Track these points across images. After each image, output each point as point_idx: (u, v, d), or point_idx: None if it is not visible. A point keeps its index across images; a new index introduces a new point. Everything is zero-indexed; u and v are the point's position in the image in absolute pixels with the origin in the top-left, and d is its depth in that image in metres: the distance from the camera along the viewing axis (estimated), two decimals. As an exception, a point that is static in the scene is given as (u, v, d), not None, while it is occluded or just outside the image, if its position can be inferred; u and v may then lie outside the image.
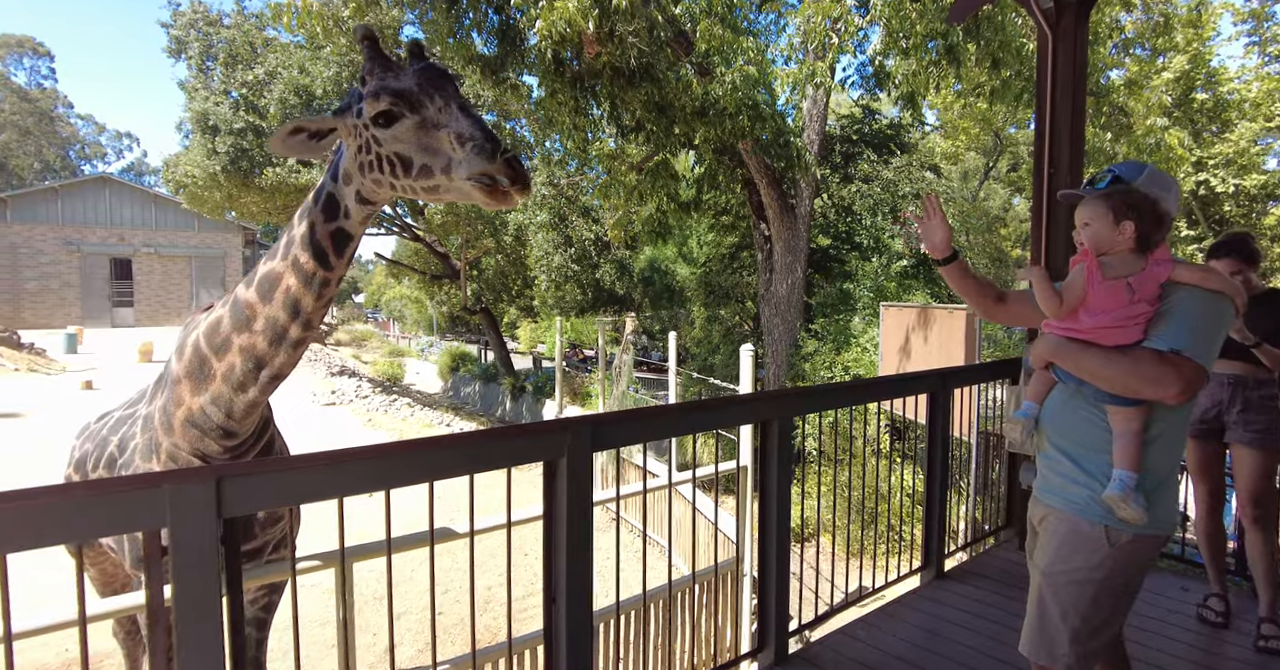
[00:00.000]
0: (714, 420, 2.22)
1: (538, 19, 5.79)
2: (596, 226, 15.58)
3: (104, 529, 1.26)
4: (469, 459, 1.70)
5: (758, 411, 2.38)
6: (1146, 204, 1.48)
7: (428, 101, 1.58)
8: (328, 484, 1.53)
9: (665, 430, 2.09)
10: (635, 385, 13.53)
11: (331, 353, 26.64)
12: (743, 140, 7.94)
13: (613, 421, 1.94)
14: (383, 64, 1.69)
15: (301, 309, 1.75)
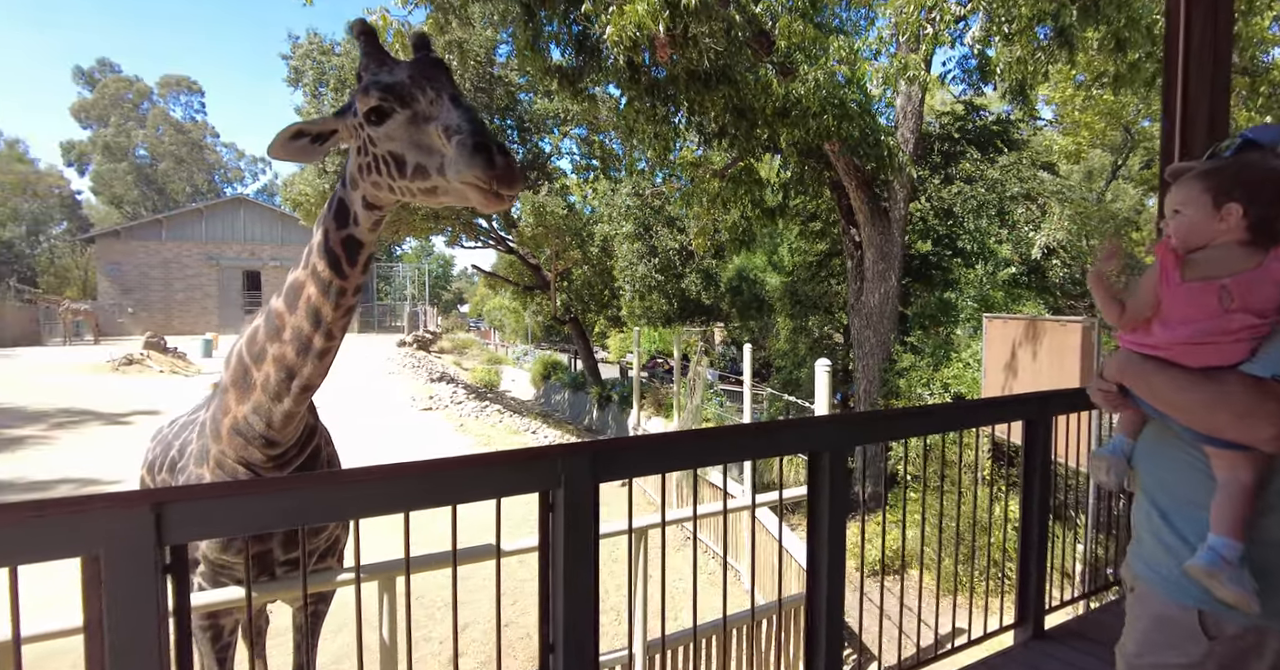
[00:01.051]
0: (744, 450, 1.94)
1: (608, 25, 5.70)
2: (681, 236, 15.41)
3: (37, 554, 1.18)
4: (445, 489, 1.52)
5: (804, 440, 2.07)
6: (1268, 181, 1.09)
7: (419, 94, 1.48)
8: (283, 512, 1.40)
9: (680, 460, 1.83)
10: (720, 398, 13.17)
11: (435, 360, 27.99)
12: (829, 141, 7.50)
13: (617, 449, 1.71)
14: (378, 59, 1.60)
15: (322, 318, 1.71)
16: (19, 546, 1.18)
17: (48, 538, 1.19)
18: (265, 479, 1.42)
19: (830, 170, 8.64)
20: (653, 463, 1.78)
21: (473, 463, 1.55)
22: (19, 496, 7.14)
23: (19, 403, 12.25)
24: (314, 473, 1.64)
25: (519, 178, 1.38)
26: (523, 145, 18.56)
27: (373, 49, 1.62)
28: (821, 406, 4.47)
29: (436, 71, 1.53)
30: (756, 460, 1.84)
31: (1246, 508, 1.07)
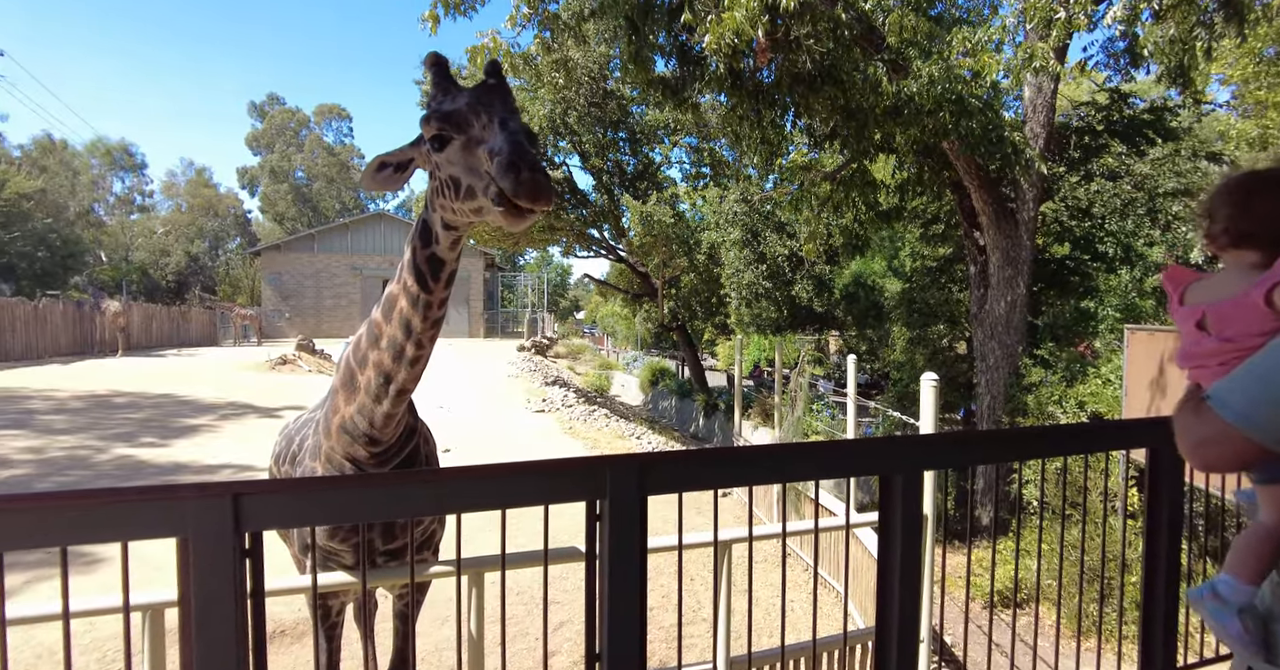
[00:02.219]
0: (805, 469, 1.84)
1: (706, 34, 5.68)
2: (791, 241, 15.00)
3: (141, 532, 1.35)
4: (495, 493, 1.57)
5: (874, 461, 1.94)
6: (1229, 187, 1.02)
7: (474, 120, 1.58)
8: (347, 508, 1.51)
9: (732, 477, 1.77)
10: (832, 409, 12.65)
11: (550, 364, 29.06)
12: (946, 139, 7.03)
13: (666, 462, 1.69)
14: (443, 88, 1.70)
15: (412, 329, 1.84)
16: (128, 525, 1.36)
17: (150, 519, 1.36)
18: (331, 477, 1.54)
19: (950, 170, 8.09)
20: (703, 478, 1.74)
21: (522, 469, 1.59)
22: (194, 476, 8.18)
23: (198, 395, 14.06)
24: (376, 474, 1.75)
25: (541, 193, 1.41)
26: (634, 156, 18.93)
27: (440, 79, 1.72)
28: (926, 425, 4.17)
29: (491, 96, 1.61)
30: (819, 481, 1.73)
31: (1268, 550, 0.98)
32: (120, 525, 1.35)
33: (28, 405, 11.85)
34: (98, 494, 1.35)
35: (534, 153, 1.48)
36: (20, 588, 4.93)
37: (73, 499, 1.33)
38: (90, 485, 7.56)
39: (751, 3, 5.33)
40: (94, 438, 9.74)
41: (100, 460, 8.65)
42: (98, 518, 1.33)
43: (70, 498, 1.33)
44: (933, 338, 11.04)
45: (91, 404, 12.39)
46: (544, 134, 16.81)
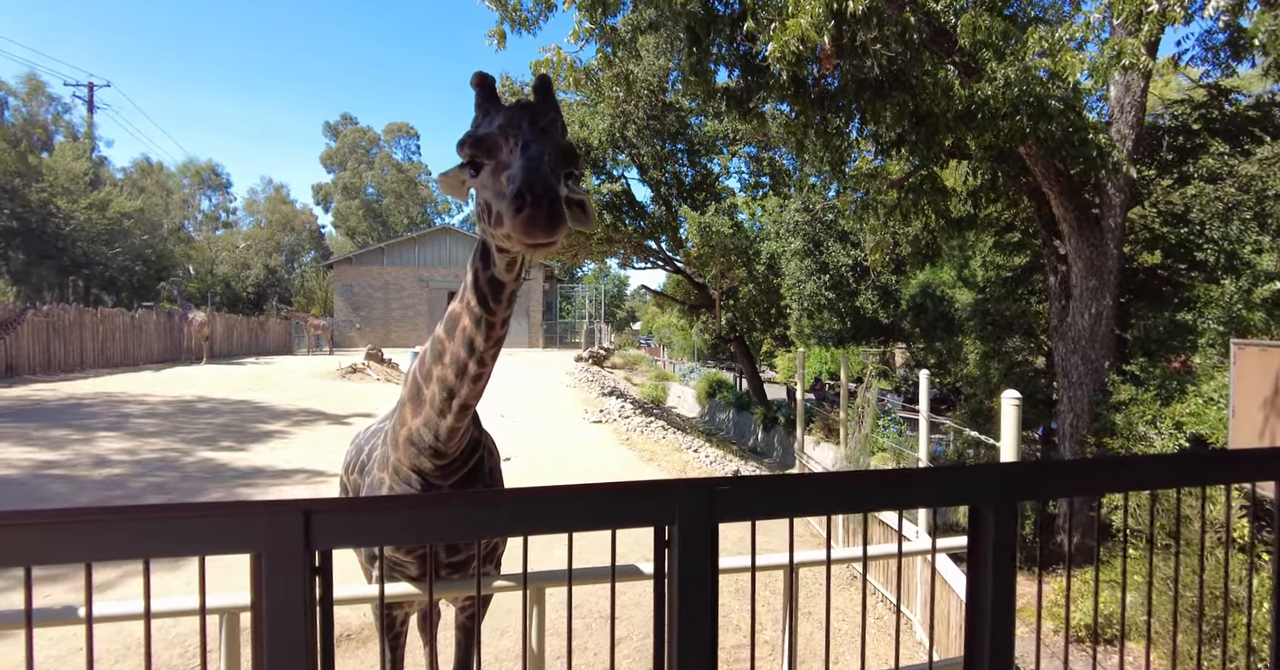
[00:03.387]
0: (887, 498, 1.72)
1: (769, 42, 5.59)
2: (855, 251, 14.60)
3: (216, 548, 1.36)
4: (567, 516, 1.52)
5: (963, 490, 1.80)
6: None
7: (503, 144, 1.55)
8: (416, 528, 1.49)
9: (809, 505, 1.66)
10: (900, 426, 12.17)
11: (607, 374, 29.23)
12: (1024, 143, 6.69)
13: (739, 488, 1.60)
14: (485, 110, 1.68)
15: (475, 347, 1.85)
16: (204, 540, 1.37)
17: (225, 535, 1.37)
18: (401, 497, 1.53)
19: (1027, 175, 7.69)
20: (778, 506, 1.64)
21: (590, 492, 1.53)
22: (269, 481, 8.54)
23: (273, 402, 14.74)
24: (442, 493, 1.73)
25: (536, 228, 1.35)
26: (692, 168, 18.91)
27: (484, 99, 1.69)
28: (1007, 446, 3.92)
29: (521, 117, 1.57)
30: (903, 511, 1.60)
31: None
32: (197, 540, 1.36)
33: (124, 409, 12.68)
34: (177, 509, 1.36)
35: (550, 178, 1.40)
36: (116, 581, 5.23)
37: (154, 513, 1.35)
38: (177, 485, 7.98)
39: (817, 9, 5.21)
40: (180, 441, 10.31)
41: (186, 462, 9.13)
42: (177, 532, 1.35)
43: (152, 512, 1.35)
44: (1008, 351, 10.48)
45: (178, 409, 13.15)
46: (603, 148, 16.99)
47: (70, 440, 9.87)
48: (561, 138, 1.60)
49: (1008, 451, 3.95)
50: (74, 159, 26.62)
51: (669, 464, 11.62)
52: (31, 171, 24.83)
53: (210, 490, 7.94)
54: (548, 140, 1.54)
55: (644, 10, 7.46)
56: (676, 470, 11.18)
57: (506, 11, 7.13)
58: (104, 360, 19.24)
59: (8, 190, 24.01)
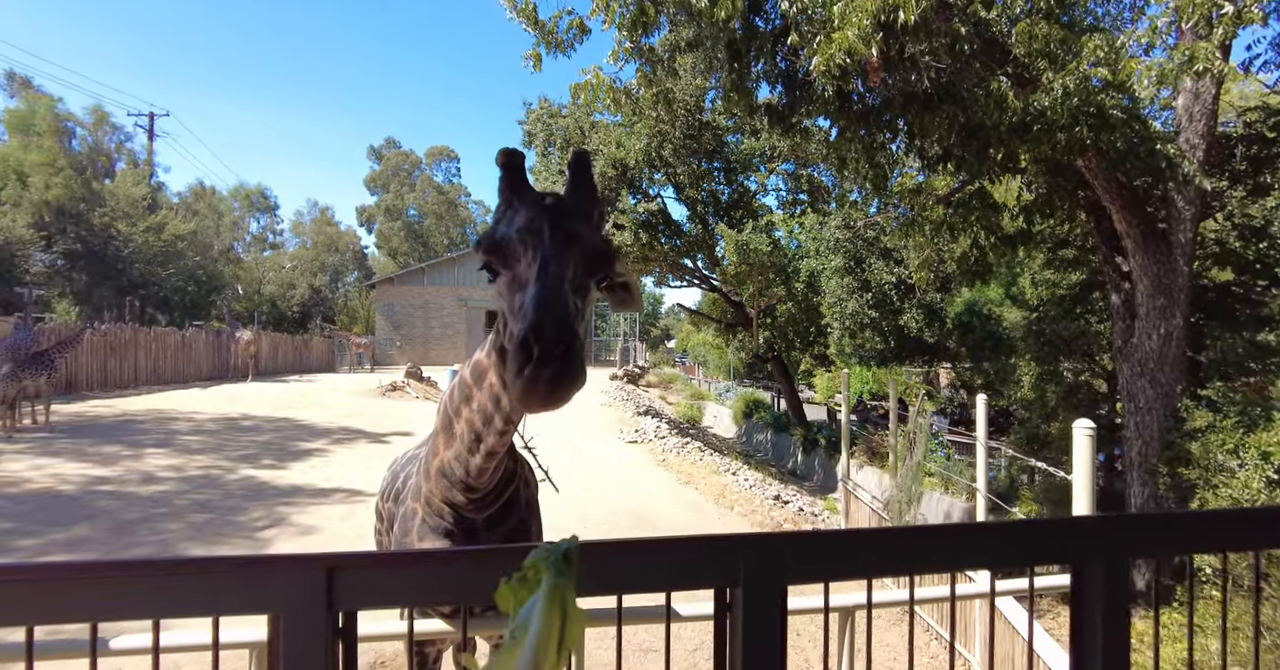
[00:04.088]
0: (979, 556, 1.50)
1: (814, 56, 5.43)
2: (899, 268, 14.20)
3: (230, 607, 1.23)
4: (616, 578, 1.35)
5: (1064, 546, 1.57)
6: None
7: (522, 252, 1.31)
8: (449, 589, 1.33)
9: (892, 565, 1.46)
10: (947, 450, 11.69)
11: (642, 393, 29.04)
12: (1083, 155, 6.36)
13: (809, 544, 1.41)
14: (507, 199, 1.43)
15: (502, 405, 1.72)
16: (216, 599, 1.24)
17: (240, 594, 1.23)
18: (433, 553, 1.37)
19: (1086, 189, 7.33)
20: (852, 565, 1.44)
21: (642, 550, 1.36)
22: (308, 499, 8.56)
23: (314, 419, 14.95)
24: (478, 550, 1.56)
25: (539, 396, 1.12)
26: (729, 185, 18.79)
27: (508, 185, 1.44)
28: (1081, 481, 3.61)
29: (543, 220, 1.31)
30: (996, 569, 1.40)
31: None
32: (209, 600, 1.23)
33: (173, 426, 12.99)
34: (189, 564, 1.24)
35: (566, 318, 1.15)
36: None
37: (164, 570, 1.22)
38: (219, 503, 8.05)
39: (864, 21, 5.05)
40: (224, 458, 10.46)
41: (228, 480, 9.24)
42: (188, 590, 1.22)
43: (161, 568, 1.23)
44: (1066, 374, 9.96)
45: (224, 426, 13.41)
46: (639, 167, 17.02)
47: (121, 456, 10.11)
48: (594, 238, 1.36)
49: (1081, 486, 3.64)
50: (134, 185, 27.89)
51: (707, 487, 11.34)
52: (95, 197, 26.07)
53: (250, 508, 7.98)
54: (574, 249, 1.29)
55: (683, 28, 7.40)
56: (715, 494, 10.90)
57: (543, 34, 7.14)
58: (156, 377, 19.87)
59: (73, 215, 25.24)
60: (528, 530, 2.20)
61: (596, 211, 1.43)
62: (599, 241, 1.37)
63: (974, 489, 10.60)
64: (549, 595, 0.70)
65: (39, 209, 24.50)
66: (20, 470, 9.04)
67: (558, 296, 1.19)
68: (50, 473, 9.01)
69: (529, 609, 0.69)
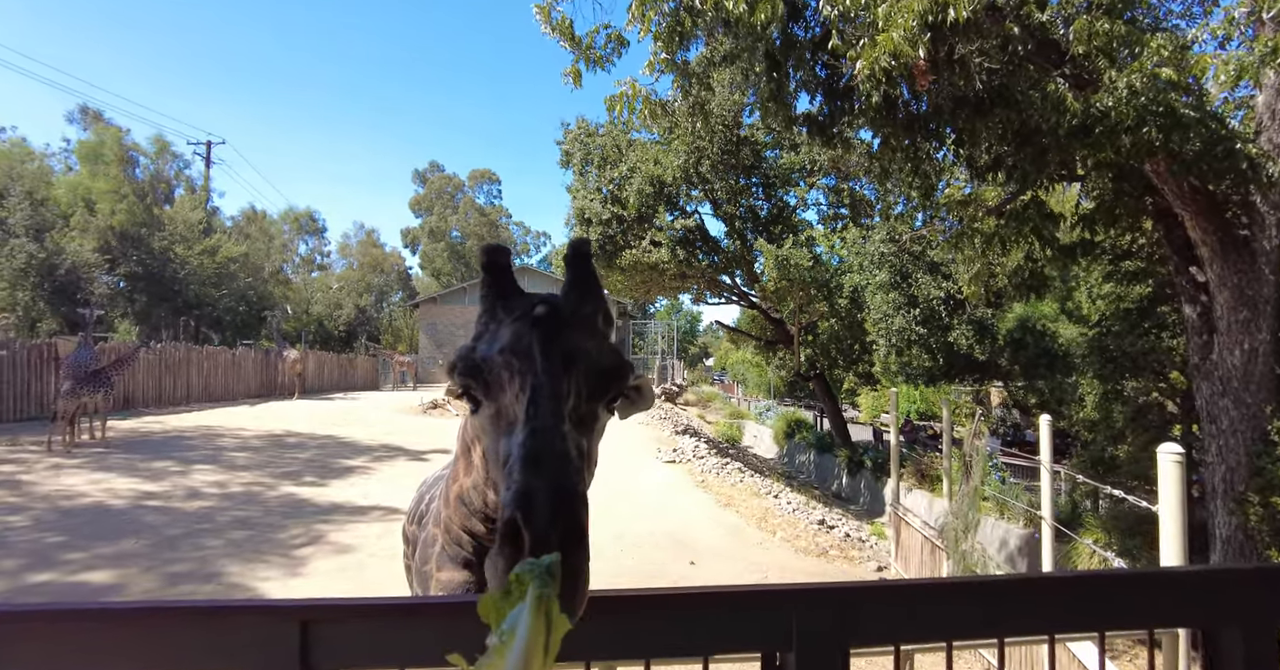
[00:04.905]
0: (1073, 614, 1.23)
1: (857, 60, 5.21)
2: (947, 283, 13.68)
3: (190, 663, 1.05)
4: (639, 639, 1.13)
5: (1190, 604, 1.29)
6: None
7: (507, 380, 1.03)
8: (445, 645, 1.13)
9: (979, 625, 1.20)
10: (1002, 473, 11.07)
11: (680, 412, 28.71)
12: (1150, 159, 5.95)
13: (876, 599, 1.17)
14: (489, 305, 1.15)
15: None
16: (174, 654, 1.06)
17: (202, 648, 1.05)
18: (429, 603, 1.17)
19: (1154, 195, 6.86)
20: (934, 625, 1.19)
21: (672, 606, 1.13)
22: (346, 517, 8.53)
23: (356, 437, 15.11)
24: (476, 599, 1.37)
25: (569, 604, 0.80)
26: (768, 201, 18.55)
27: (490, 287, 1.17)
28: (1170, 515, 3.23)
29: (532, 337, 1.02)
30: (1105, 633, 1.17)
31: None
32: (163, 655, 1.05)
33: (220, 443, 13.26)
34: (137, 613, 1.06)
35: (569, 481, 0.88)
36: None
37: (109, 618, 1.05)
38: (260, 520, 8.07)
39: (910, 21, 4.81)
40: (267, 475, 10.57)
41: (269, 497, 9.30)
42: (136, 642, 1.04)
43: (105, 616, 1.06)
44: (1133, 393, 9.32)
45: (268, 443, 13.63)
46: (676, 184, 16.94)
47: (170, 472, 10.31)
48: (600, 352, 1.08)
49: (1171, 520, 3.25)
50: (191, 210, 29.17)
51: (748, 510, 10.96)
52: (155, 222, 27.32)
53: (290, 526, 7.98)
54: (574, 371, 1.02)
55: (720, 40, 7.27)
56: (756, 517, 10.51)
57: (581, 50, 7.10)
58: (206, 395, 20.48)
59: (135, 239, 26.46)
60: None
61: (601, 313, 1.15)
62: (607, 356, 1.08)
63: (1033, 515, 9.97)
64: (535, 606, 0.71)
65: (104, 234, 25.76)
66: (76, 484, 9.28)
67: (554, 445, 0.90)
68: (103, 487, 9.22)
69: (515, 616, 0.71)
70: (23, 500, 8.34)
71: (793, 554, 8.78)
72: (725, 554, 8.24)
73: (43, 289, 24.17)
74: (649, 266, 16.19)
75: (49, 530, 7.21)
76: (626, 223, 16.29)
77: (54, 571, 6.09)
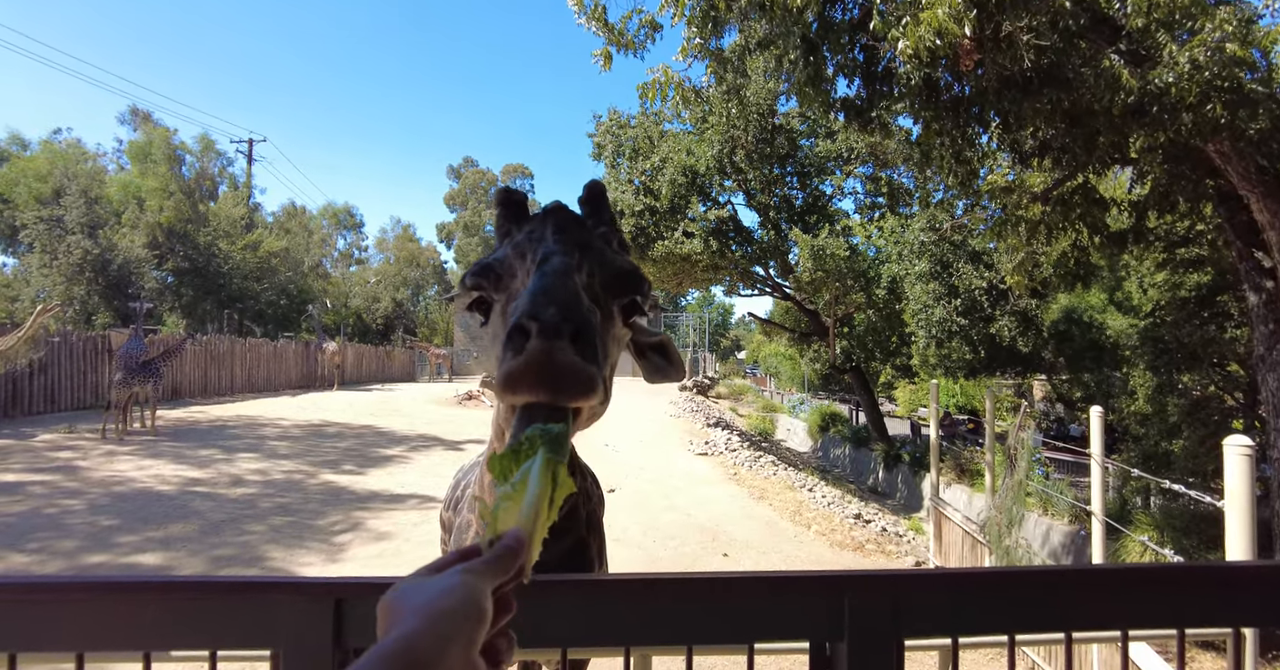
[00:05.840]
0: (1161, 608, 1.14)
1: (900, 40, 5.03)
2: (989, 273, 13.25)
3: (227, 640, 1.04)
4: (681, 622, 1.08)
5: None
6: None
7: (518, 266, 1.02)
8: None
9: (1044, 617, 1.12)
10: (1046, 468, 10.74)
11: (712, 405, 28.57)
12: (1214, 139, 5.64)
13: (932, 588, 1.10)
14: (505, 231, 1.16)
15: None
16: (214, 631, 1.04)
17: (239, 625, 1.04)
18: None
19: (1216, 177, 6.52)
20: (993, 616, 1.11)
21: (716, 590, 1.08)
22: (384, 505, 8.68)
23: (394, 427, 15.38)
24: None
25: (531, 378, 0.77)
26: (803, 190, 18.24)
27: (505, 220, 1.18)
28: (1238, 511, 3.05)
29: (545, 225, 1.04)
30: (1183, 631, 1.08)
31: None
32: (204, 631, 1.04)
33: (262, 432, 13.63)
34: (183, 588, 1.06)
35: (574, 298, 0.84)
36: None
37: (155, 592, 1.05)
38: (300, 507, 8.25)
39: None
40: (307, 464, 10.82)
41: (310, 485, 9.51)
42: (182, 618, 1.04)
43: (152, 590, 1.05)
44: (1189, 385, 8.90)
45: (308, 432, 13.96)
46: (709, 174, 16.76)
47: (214, 460, 10.63)
48: (613, 254, 1.08)
49: (1238, 516, 3.07)
50: (234, 206, 29.99)
51: (781, 503, 10.83)
52: (200, 218, 28.16)
53: (329, 512, 8.15)
54: (587, 253, 1.01)
55: (755, 25, 7.11)
56: (790, 511, 10.38)
57: (613, 36, 7.02)
58: (249, 386, 21.08)
59: (181, 235, 27.33)
60: (586, 548, 1.94)
61: (616, 238, 1.15)
62: (622, 260, 1.08)
63: (1079, 511, 9.64)
64: (543, 465, 0.72)
65: (153, 230, 26.66)
66: (127, 470, 9.63)
67: (565, 284, 0.86)
68: (152, 473, 9.55)
69: (527, 469, 0.73)
70: (79, 485, 8.68)
71: (828, 548, 8.65)
72: (759, 547, 8.14)
73: (97, 284, 25.15)
74: (681, 258, 16.07)
75: (103, 514, 7.49)
76: (659, 214, 16.18)
77: (108, 553, 6.32)
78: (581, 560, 1.87)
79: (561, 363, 0.77)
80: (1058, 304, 14.80)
